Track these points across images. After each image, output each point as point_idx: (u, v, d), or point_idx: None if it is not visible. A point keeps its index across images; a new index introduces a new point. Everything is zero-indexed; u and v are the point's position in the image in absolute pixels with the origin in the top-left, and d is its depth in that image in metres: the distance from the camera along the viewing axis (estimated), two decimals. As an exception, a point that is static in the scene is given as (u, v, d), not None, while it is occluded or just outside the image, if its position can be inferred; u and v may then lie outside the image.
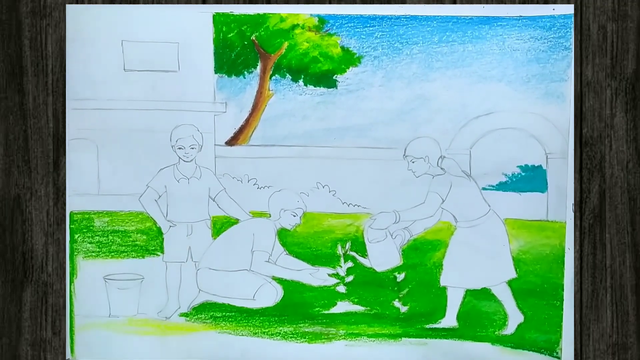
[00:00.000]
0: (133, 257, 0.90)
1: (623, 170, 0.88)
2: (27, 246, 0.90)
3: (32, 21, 0.89)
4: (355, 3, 0.88)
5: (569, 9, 0.87)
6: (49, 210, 0.90)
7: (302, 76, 0.88)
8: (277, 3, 0.89)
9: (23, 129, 0.89)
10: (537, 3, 0.88)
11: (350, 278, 0.89)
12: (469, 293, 0.89)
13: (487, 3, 0.88)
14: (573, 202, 0.88)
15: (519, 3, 0.88)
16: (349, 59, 0.88)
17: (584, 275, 0.89)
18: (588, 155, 0.88)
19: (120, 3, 0.89)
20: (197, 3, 0.89)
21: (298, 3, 0.89)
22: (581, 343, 0.89)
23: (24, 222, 0.90)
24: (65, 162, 0.89)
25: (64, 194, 0.89)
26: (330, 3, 0.89)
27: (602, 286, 0.89)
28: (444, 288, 0.89)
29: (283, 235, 0.90)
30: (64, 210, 0.89)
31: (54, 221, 0.90)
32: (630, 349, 0.89)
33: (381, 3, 0.88)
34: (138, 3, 0.89)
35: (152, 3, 0.89)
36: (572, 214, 0.88)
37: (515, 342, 0.88)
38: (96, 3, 0.89)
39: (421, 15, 0.87)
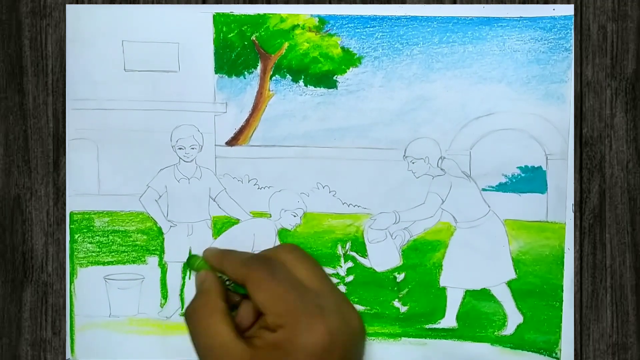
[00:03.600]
0: (133, 257, 0.90)
1: (623, 170, 0.88)
2: (27, 246, 0.90)
3: (32, 21, 0.89)
4: (356, 3, 0.88)
5: (569, 9, 0.86)
6: (49, 210, 0.90)
7: (303, 77, 0.88)
8: (277, 3, 0.89)
9: (23, 129, 0.89)
10: (537, 3, 0.88)
11: (350, 278, 0.89)
12: (469, 293, 0.89)
13: (487, 3, 0.88)
14: (573, 202, 0.88)
15: (519, 3, 0.88)
16: (349, 59, 0.88)
17: (584, 275, 0.89)
18: (588, 155, 0.88)
19: (120, 3, 0.89)
20: (197, 3, 0.89)
21: (298, 3, 0.89)
22: (581, 343, 0.89)
23: (24, 222, 0.90)
24: (65, 162, 0.89)
25: (64, 194, 0.89)
26: (330, 3, 0.89)
27: (602, 286, 0.89)
28: (444, 288, 0.89)
29: (283, 235, 0.90)
30: (64, 210, 0.89)
31: (54, 221, 0.90)
32: (630, 349, 0.89)
33: (381, 3, 0.88)
34: (138, 3, 0.89)
35: (153, 3, 0.89)
36: (572, 214, 0.88)
37: (515, 342, 0.88)
38: (96, 3, 0.89)
39: (421, 16, 0.87)
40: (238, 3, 0.89)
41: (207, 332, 0.76)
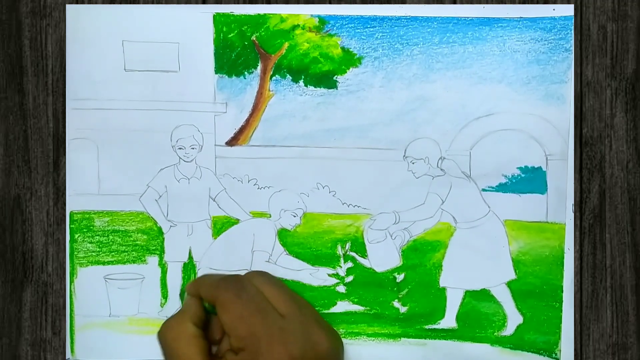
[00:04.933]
0: (134, 257, 0.90)
1: (623, 170, 0.88)
2: (27, 246, 0.90)
3: (32, 21, 0.89)
4: (356, 3, 0.88)
5: (569, 10, 0.86)
6: (49, 210, 0.90)
7: (303, 77, 0.88)
8: (277, 3, 0.89)
9: (23, 129, 0.89)
10: (537, 3, 0.88)
11: (350, 278, 0.89)
12: (469, 294, 0.89)
13: (487, 3, 0.88)
14: (573, 202, 0.88)
15: (519, 3, 0.88)
16: (350, 59, 0.88)
17: (584, 275, 0.89)
18: (588, 155, 0.88)
19: (121, 3, 0.89)
20: (197, 3, 0.89)
21: (298, 3, 0.89)
22: (581, 343, 0.89)
23: (24, 222, 0.90)
24: (65, 162, 0.89)
25: (64, 194, 0.89)
26: (330, 3, 0.88)
27: (602, 286, 0.89)
28: (444, 289, 0.89)
29: (283, 235, 0.90)
30: (64, 210, 0.89)
31: (54, 221, 0.90)
32: (630, 349, 0.89)
33: (381, 3, 0.88)
34: (138, 3, 0.89)
35: (153, 3, 0.89)
36: (572, 214, 0.88)
37: (515, 343, 0.88)
38: (96, 3, 0.89)
39: (422, 16, 0.87)
40: (238, 3, 0.89)
41: (174, 352, 0.78)
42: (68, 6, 0.89)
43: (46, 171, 0.89)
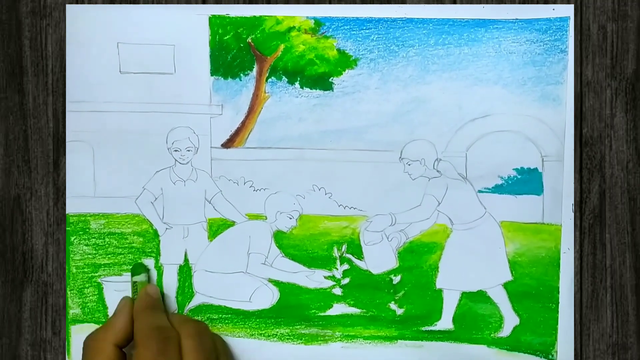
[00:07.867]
0: (130, 259, 0.90)
1: (623, 170, 0.88)
2: (27, 246, 0.90)
3: (32, 21, 0.90)
4: (355, 3, 0.88)
5: (566, 11, 0.86)
6: (49, 211, 0.90)
7: (298, 78, 0.88)
8: (275, 3, 0.89)
9: (23, 129, 0.90)
10: (537, 3, 0.87)
11: (346, 280, 0.89)
12: (465, 295, 0.89)
13: (486, 3, 0.87)
14: (573, 202, 0.87)
15: (519, 3, 0.87)
16: (345, 61, 0.88)
17: (584, 275, 0.88)
18: (588, 155, 0.88)
19: (120, 3, 0.89)
20: (195, 3, 0.89)
21: (297, 3, 0.89)
22: (581, 343, 0.88)
23: (24, 222, 0.90)
24: (65, 163, 0.89)
25: (63, 194, 0.90)
26: (330, 3, 0.88)
27: (602, 286, 0.88)
28: (440, 290, 0.89)
29: (279, 237, 0.90)
30: (64, 210, 0.90)
31: (54, 221, 0.90)
32: (630, 349, 0.89)
33: (381, 3, 0.88)
34: (138, 3, 0.89)
35: (153, 3, 0.89)
36: (570, 215, 0.88)
37: (511, 344, 0.88)
38: (96, 3, 0.89)
39: (417, 18, 0.87)
40: (238, 3, 0.88)
41: None
42: (68, 6, 0.89)
43: (46, 171, 0.90)
